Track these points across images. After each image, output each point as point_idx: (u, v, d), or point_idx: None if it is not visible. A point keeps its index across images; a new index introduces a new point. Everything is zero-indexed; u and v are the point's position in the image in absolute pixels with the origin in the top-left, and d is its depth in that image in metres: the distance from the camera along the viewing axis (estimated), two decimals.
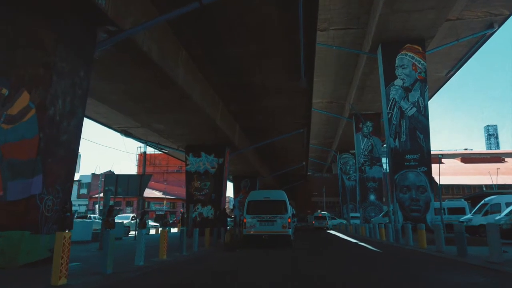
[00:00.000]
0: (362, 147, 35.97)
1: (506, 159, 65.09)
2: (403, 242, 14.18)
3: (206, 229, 12.97)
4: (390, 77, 21.53)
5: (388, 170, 22.32)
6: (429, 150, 20.73)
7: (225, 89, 16.63)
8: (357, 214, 42.64)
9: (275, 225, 12.32)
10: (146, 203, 56.90)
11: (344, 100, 36.67)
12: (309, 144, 28.01)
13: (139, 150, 73.86)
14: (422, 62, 21.24)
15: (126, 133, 23.57)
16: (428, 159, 20.65)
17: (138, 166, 72.41)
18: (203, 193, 21.15)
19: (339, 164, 53.59)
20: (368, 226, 21.90)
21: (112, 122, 21.67)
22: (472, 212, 19.15)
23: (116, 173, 77.36)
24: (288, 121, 21.92)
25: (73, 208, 53.34)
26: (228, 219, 21.63)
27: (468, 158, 65.65)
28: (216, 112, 17.35)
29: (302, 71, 13.88)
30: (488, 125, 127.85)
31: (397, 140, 20.79)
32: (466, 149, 78.79)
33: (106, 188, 17.05)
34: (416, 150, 20.69)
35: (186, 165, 21.80)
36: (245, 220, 12.58)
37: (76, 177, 58.03)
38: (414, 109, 21.03)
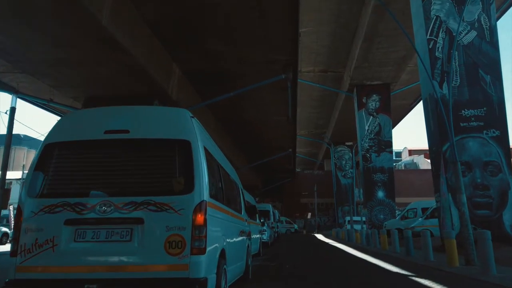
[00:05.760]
0: (366, 128, 27.33)
1: None
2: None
3: None
4: None
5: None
6: (502, 100, 12.04)
7: None
8: (358, 218, 34.13)
9: (134, 243, 3.08)
10: None
11: (343, 68, 28.07)
12: (296, 109, 19.21)
13: None
14: None
15: None
16: (501, 116, 11.98)
17: None
18: None
19: (333, 159, 45.01)
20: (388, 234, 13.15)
21: None
22: None
23: None
24: (260, 56, 13.03)
25: None
26: None
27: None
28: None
29: None
30: None
31: (445, 85, 12.10)
32: None
33: None
34: (480, 101, 12.01)
35: None
36: (21, 219, 3.18)
37: (18, 175, 48.13)
38: (474, 34, 12.37)
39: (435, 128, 12.30)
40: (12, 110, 13.12)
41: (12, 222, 38.58)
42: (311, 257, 11.36)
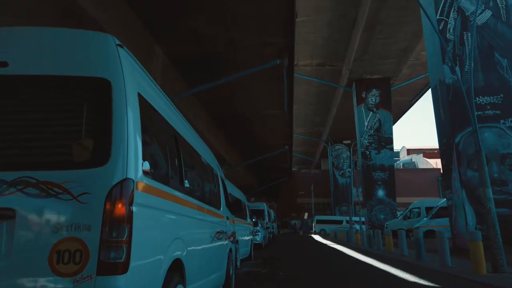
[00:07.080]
0: (366, 124, 26.16)
1: None
2: None
3: None
4: None
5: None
6: None
7: None
8: (357, 218, 33.06)
9: None
10: None
11: (341, 61, 26.89)
12: (292, 101, 17.94)
13: None
14: None
15: None
16: None
17: None
18: None
19: (331, 158, 43.91)
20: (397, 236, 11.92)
21: None
22: None
23: None
24: (253, 38, 11.80)
25: None
26: None
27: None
28: None
29: None
30: None
31: (457, 70, 10.92)
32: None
33: None
34: (496, 88, 10.85)
35: None
36: None
37: None
38: (488, 13, 11.21)
39: (446, 117, 11.12)
40: None
41: None
42: (309, 261, 10.11)
